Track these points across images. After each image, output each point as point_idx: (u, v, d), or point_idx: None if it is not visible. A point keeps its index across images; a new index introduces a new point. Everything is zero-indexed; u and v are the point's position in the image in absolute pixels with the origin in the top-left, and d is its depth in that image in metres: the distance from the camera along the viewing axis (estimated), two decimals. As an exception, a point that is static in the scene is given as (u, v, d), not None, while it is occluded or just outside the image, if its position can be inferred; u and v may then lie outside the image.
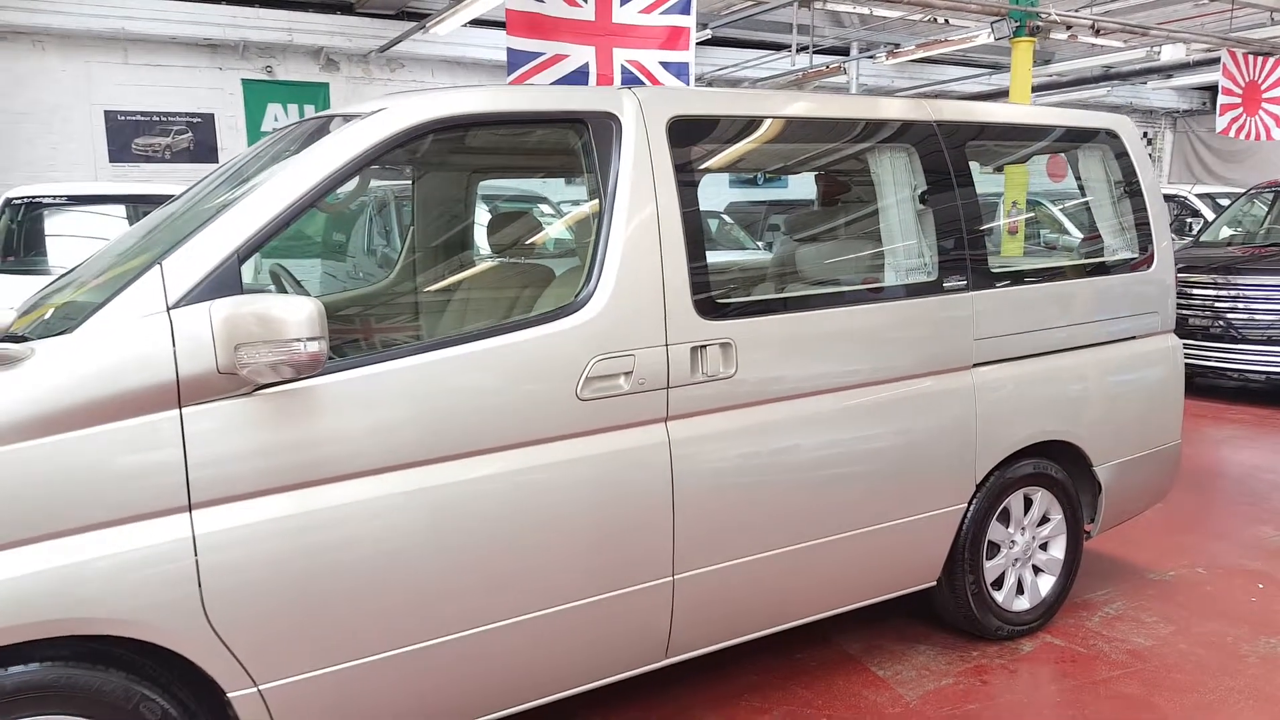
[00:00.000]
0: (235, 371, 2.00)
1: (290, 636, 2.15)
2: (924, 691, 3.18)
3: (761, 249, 9.47)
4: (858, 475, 3.01)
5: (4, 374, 1.90)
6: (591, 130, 2.58)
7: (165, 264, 2.06)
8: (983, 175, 3.71)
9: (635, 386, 2.54)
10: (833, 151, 3.41)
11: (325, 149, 2.28)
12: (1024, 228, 9.08)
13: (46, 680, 1.94)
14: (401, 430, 2.25)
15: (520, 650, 2.48)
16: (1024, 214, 8.75)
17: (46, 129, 10.62)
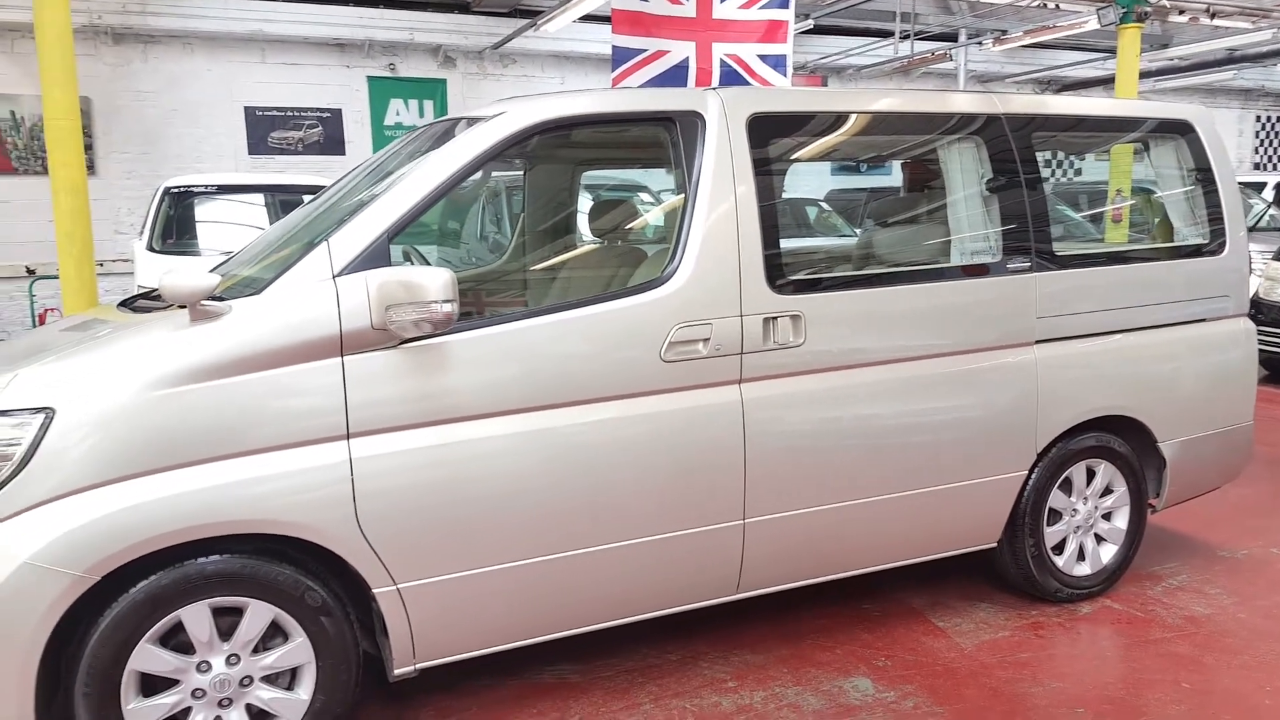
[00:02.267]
0: (385, 328, 2.49)
1: (423, 545, 2.62)
2: (980, 641, 3.47)
3: (857, 234, 9.67)
4: (918, 439, 3.31)
5: (210, 325, 2.42)
6: (679, 127, 2.98)
7: (331, 241, 2.56)
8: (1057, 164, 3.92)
9: (712, 351, 2.93)
10: (903, 143, 3.71)
11: (455, 148, 2.74)
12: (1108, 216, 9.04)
13: (235, 569, 2.46)
14: (513, 381, 2.70)
15: (611, 573, 2.90)
16: (1123, 201, 8.73)
17: (194, 124, 11.55)
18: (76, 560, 2.29)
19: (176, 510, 2.36)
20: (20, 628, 2.26)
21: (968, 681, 3.18)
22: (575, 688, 3.15)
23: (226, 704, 2.54)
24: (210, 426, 2.40)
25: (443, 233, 8.97)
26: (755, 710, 3.00)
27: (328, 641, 2.58)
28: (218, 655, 2.50)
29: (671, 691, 3.12)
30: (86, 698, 2.37)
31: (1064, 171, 13.13)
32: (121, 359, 2.39)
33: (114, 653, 2.37)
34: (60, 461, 2.30)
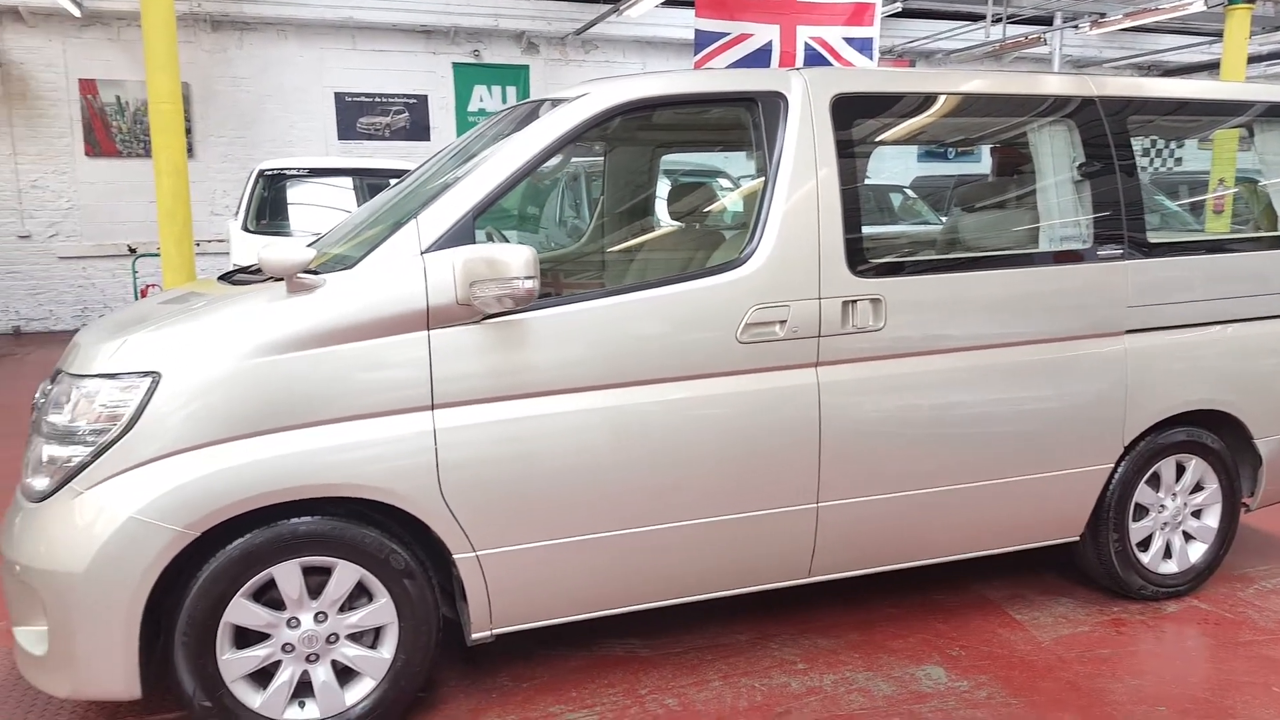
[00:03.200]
0: (470, 303, 2.56)
1: (502, 514, 2.69)
2: (1058, 635, 3.41)
3: (942, 222, 9.49)
4: (998, 428, 3.26)
5: (306, 297, 2.53)
6: (762, 108, 2.98)
7: (420, 219, 2.64)
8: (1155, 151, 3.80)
9: (789, 334, 2.93)
10: (991, 126, 3.64)
11: (539, 128, 2.79)
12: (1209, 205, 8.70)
13: (325, 530, 2.57)
14: (591, 358, 2.75)
15: (682, 550, 2.93)
16: (1226, 190, 8.39)
17: (286, 109, 11.91)
18: (179, 516, 2.41)
19: (272, 472, 2.47)
20: (127, 577, 2.40)
21: (1044, 675, 3.13)
22: (645, 662, 3.21)
23: (314, 659, 2.65)
24: (304, 394, 2.50)
25: (522, 217, 9.10)
26: (825, 692, 3.01)
27: (410, 603, 2.67)
28: (307, 612, 2.62)
29: (741, 670, 3.14)
30: (185, 646, 2.50)
31: (1163, 159, 12.67)
32: (223, 327, 2.51)
33: (211, 605, 2.50)
34: (165, 423, 2.43)
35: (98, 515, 2.41)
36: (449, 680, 3.08)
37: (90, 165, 11.17)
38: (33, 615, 2.50)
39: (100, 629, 2.42)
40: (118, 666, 2.45)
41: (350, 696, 2.70)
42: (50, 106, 10.95)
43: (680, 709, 2.91)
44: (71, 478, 2.44)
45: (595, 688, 3.04)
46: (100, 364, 2.49)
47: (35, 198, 11.03)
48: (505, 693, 3.01)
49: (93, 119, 11.09)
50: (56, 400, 2.53)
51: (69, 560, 2.40)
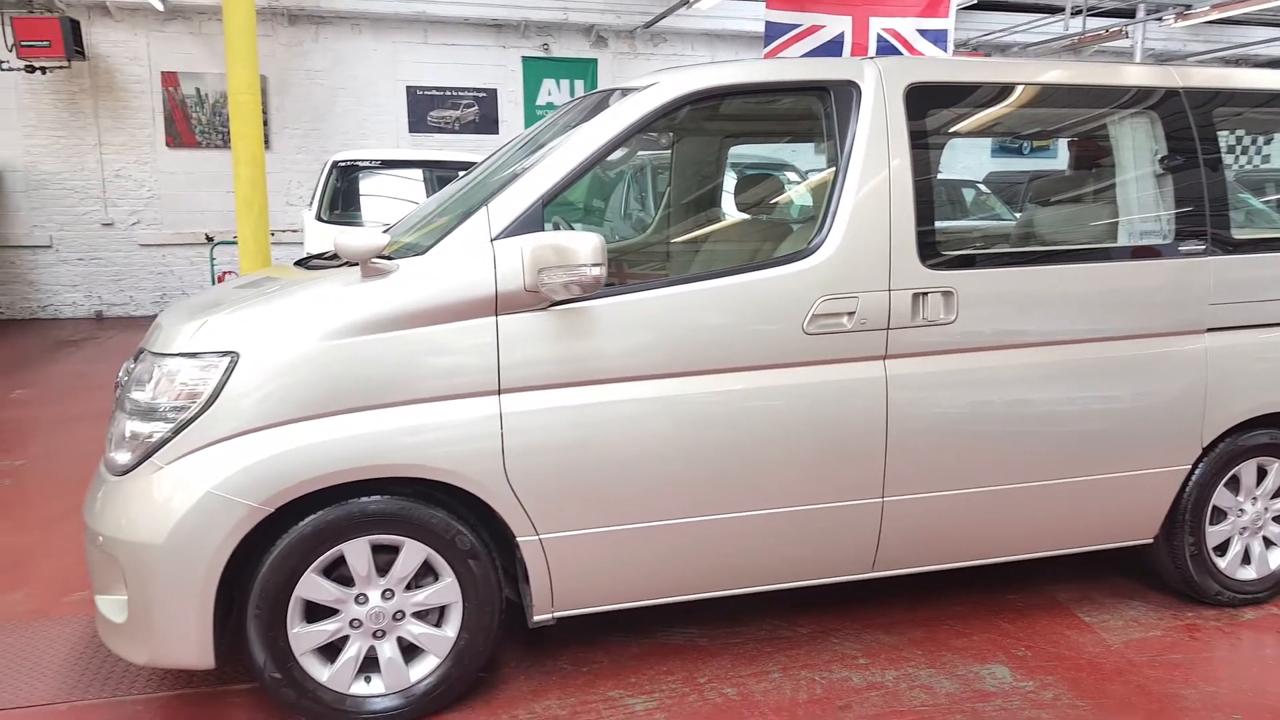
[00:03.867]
0: (537, 290, 2.59)
1: (565, 499, 2.72)
2: (1129, 639, 3.33)
3: (1016, 218, 9.29)
4: (1071, 425, 3.19)
5: (379, 282, 2.58)
6: (834, 97, 2.95)
7: (490, 206, 2.67)
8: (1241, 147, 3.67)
9: (857, 325, 2.90)
10: (1070, 118, 3.56)
11: (608, 117, 2.81)
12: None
13: (393, 510, 2.62)
14: (656, 346, 2.76)
15: (743, 541, 2.93)
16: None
17: (359, 102, 12.11)
18: (254, 492, 2.48)
19: (343, 452, 2.53)
20: (203, 550, 2.47)
21: (1113, 678, 3.06)
22: (704, 651, 3.21)
23: (380, 635, 2.71)
24: (376, 376, 2.56)
25: (589, 210, 9.15)
26: (886, 688, 2.98)
27: (474, 583, 2.71)
28: (374, 589, 2.67)
29: (801, 663, 3.13)
30: (257, 619, 2.57)
31: (1249, 154, 12.22)
32: (299, 310, 2.57)
33: (283, 580, 2.57)
34: (242, 402, 2.50)
35: (177, 489, 2.49)
36: (510, 662, 3.12)
37: (170, 156, 11.51)
38: (114, 585, 2.60)
39: (177, 599, 2.50)
40: (192, 636, 2.53)
41: (415, 673, 2.75)
42: (134, 98, 11.30)
43: (739, 699, 2.91)
44: (152, 453, 2.53)
45: (654, 674, 3.05)
46: (181, 344, 2.57)
47: (118, 187, 11.40)
48: (565, 676, 3.04)
49: (174, 110, 11.42)
50: (139, 378, 2.62)
51: (148, 532, 2.48)
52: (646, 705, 2.87)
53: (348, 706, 2.70)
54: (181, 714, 2.82)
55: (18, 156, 11.03)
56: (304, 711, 2.67)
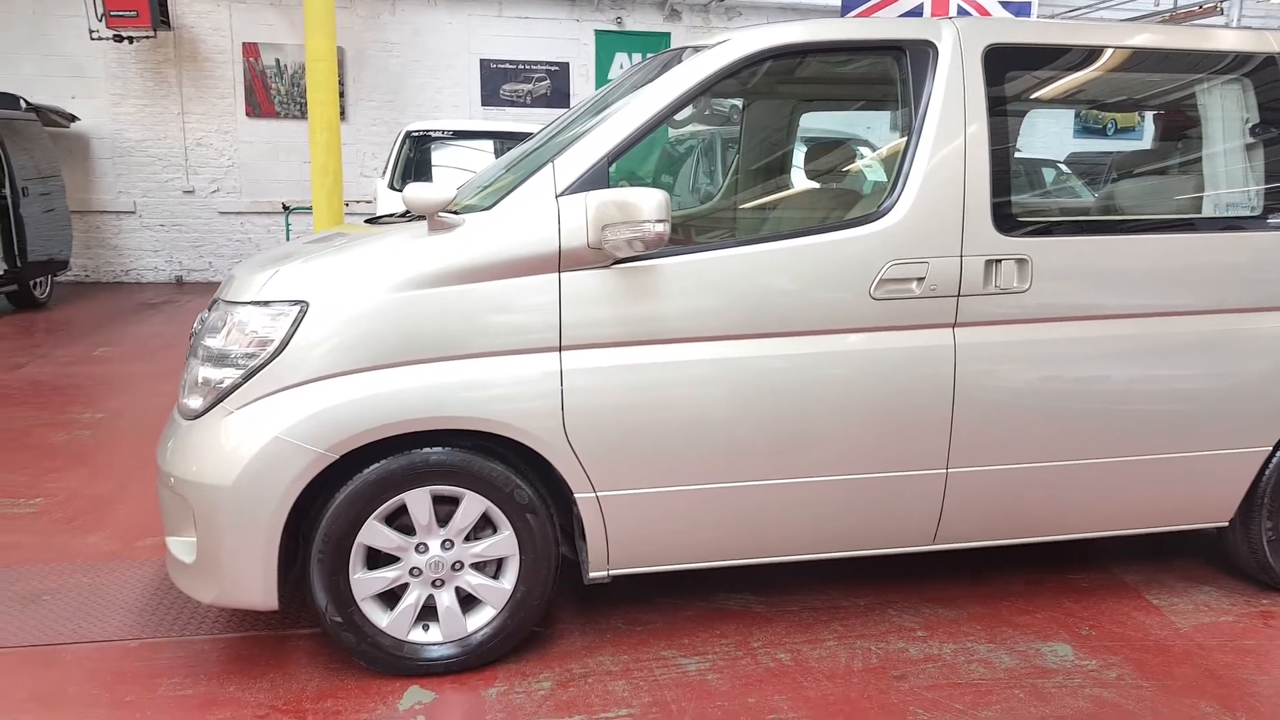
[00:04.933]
0: (600, 247, 2.59)
1: (623, 458, 2.72)
2: (1199, 623, 3.23)
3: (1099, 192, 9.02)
4: (1147, 402, 3.09)
5: (446, 235, 2.60)
6: (910, 57, 2.88)
7: (556, 162, 2.67)
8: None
9: (926, 292, 2.84)
10: (1155, 82, 3.42)
11: (678, 74, 2.78)
12: None
13: (455, 461, 2.65)
14: (719, 308, 2.73)
15: (802, 507, 2.90)
16: None
17: (433, 75, 12.24)
18: (320, 439, 2.53)
19: (407, 403, 2.57)
20: (270, 493, 2.54)
21: (1181, 660, 2.97)
22: (759, 617, 3.20)
23: (439, 584, 2.75)
24: (440, 329, 2.58)
25: (656, 185, 9.12)
26: (944, 661, 2.93)
27: (531, 537, 2.74)
28: (434, 539, 2.72)
29: (858, 633, 3.10)
30: (321, 563, 2.63)
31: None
32: (367, 261, 2.61)
33: (346, 526, 2.62)
34: (310, 350, 2.55)
35: (246, 434, 2.55)
36: (565, 619, 3.15)
37: (250, 125, 11.77)
38: (184, 526, 2.68)
39: (243, 540, 2.57)
40: (257, 577, 2.60)
41: (471, 623, 2.79)
42: (216, 69, 11.58)
43: (793, 664, 2.89)
44: (223, 398, 2.60)
45: (708, 637, 3.05)
46: (253, 292, 2.63)
47: (199, 155, 11.71)
48: (619, 634, 3.06)
49: (254, 81, 11.67)
50: (212, 326, 2.69)
51: (218, 474, 2.55)
52: (699, 666, 2.87)
53: (405, 653, 2.75)
54: (245, 654, 2.90)
55: (105, 124, 11.39)
56: (362, 656, 2.73)
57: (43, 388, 6.25)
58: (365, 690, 2.71)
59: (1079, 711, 2.68)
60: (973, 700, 2.72)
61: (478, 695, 2.70)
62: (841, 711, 2.65)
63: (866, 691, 2.75)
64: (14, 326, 8.55)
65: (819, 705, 2.68)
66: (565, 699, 2.69)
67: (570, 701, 2.67)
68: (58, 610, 3.16)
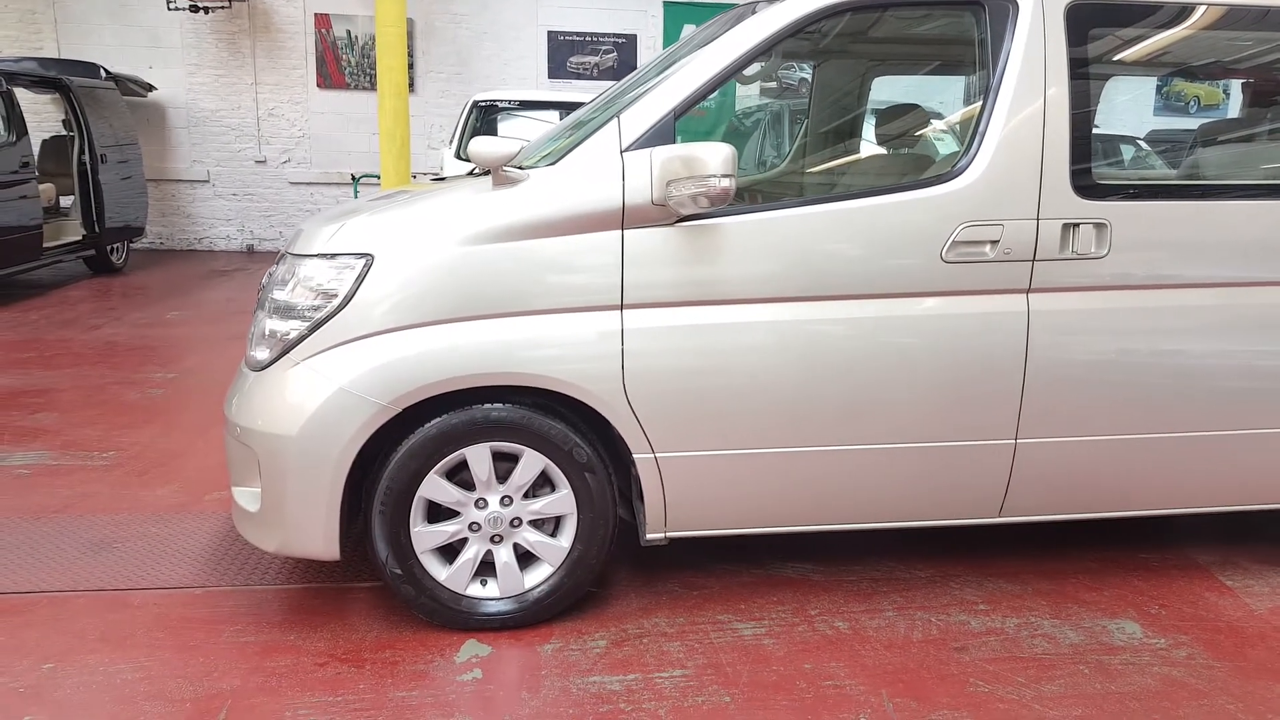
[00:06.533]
0: (665, 204, 2.55)
1: (683, 419, 2.70)
2: (1274, 605, 3.11)
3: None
4: (1225, 376, 2.97)
5: (510, 190, 2.60)
6: (989, 11, 2.79)
7: (621, 118, 2.64)
8: None
9: (1000, 255, 2.76)
10: (1249, 43, 3.26)
11: (746, 29, 2.72)
12: None
13: (515, 418, 2.66)
14: (784, 268, 2.69)
15: (865, 474, 2.85)
16: None
17: (501, 46, 12.25)
18: (383, 391, 2.56)
19: (469, 358, 2.57)
20: (333, 443, 2.57)
21: (1254, 642, 2.87)
22: (817, 585, 3.16)
23: (497, 540, 2.77)
24: (502, 285, 2.58)
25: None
26: (1006, 634, 2.87)
27: (589, 496, 2.74)
28: (494, 495, 2.73)
29: (918, 605, 3.05)
30: (382, 515, 2.67)
31: None
32: (431, 215, 2.61)
33: (408, 479, 2.65)
34: (375, 303, 2.57)
35: (311, 385, 2.58)
36: (621, 580, 3.15)
37: (321, 96, 11.92)
38: (249, 475, 2.73)
39: (307, 490, 2.61)
40: (320, 527, 2.64)
41: (529, 580, 2.81)
42: (288, 39, 11.74)
43: (850, 633, 2.86)
44: (289, 349, 2.63)
45: (764, 603, 3.03)
46: (320, 245, 2.66)
47: (271, 125, 11.90)
48: (675, 597, 3.05)
49: (325, 52, 11.81)
50: (280, 278, 2.73)
51: (283, 424, 2.59)
52: (755, 631, 2.85)
53: (463, 606, 2.78)
54: (306, 604, 2.96)
55: (180, 94, 11.64)
56: (421, 608, 2.77)
57: (118, 348, 6.44)
58: (423, 642, 2.75)
59: (1146, 689, 2.61)
60: (1035, 674, 2.66)
61: (534, 651, 2.71)
62: (900, 680, 2.61)
63: (925, 662, 2.71)
64: (91, 290, 8.82)
65: (876, 673, 2.64)
66: (620, 658, 2.69)
67: (625, 660, 2.68)
68: (127, 557, 3.26)
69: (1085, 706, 2.52)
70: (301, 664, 2.63)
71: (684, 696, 2.51)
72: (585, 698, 2.49)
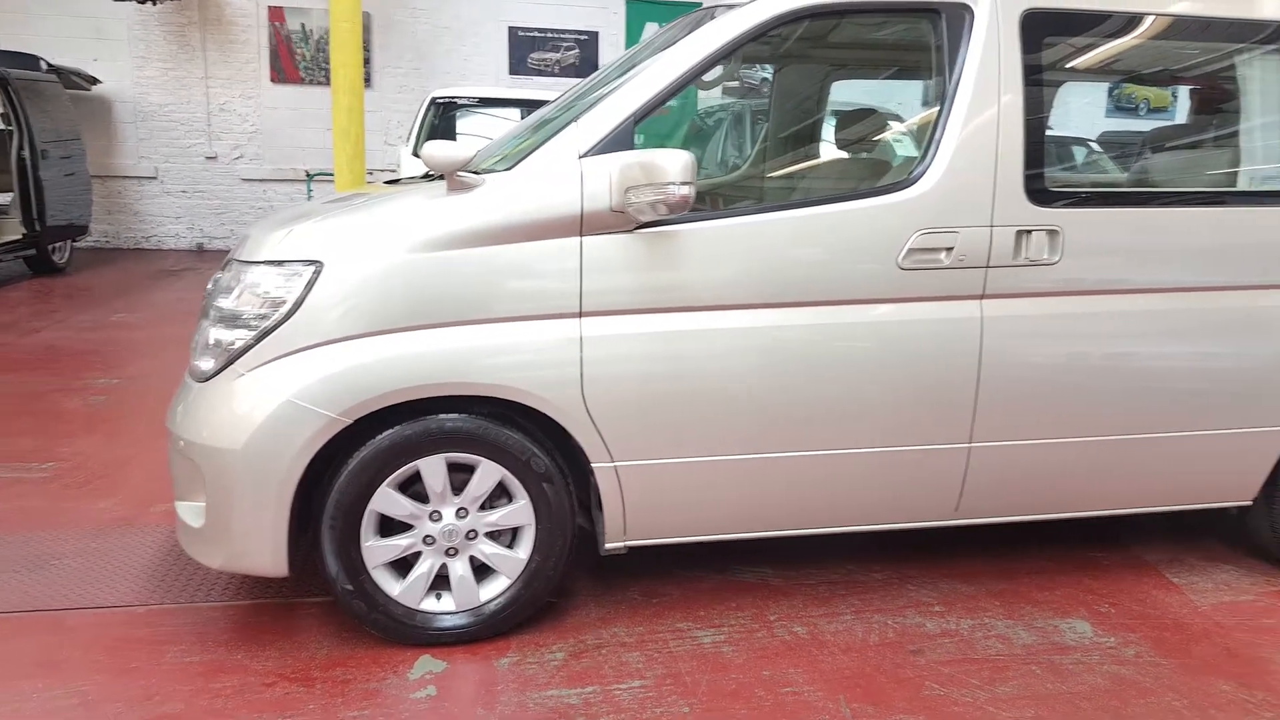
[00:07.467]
0: (624, 210, 2.53)
1: (642, 427, 2.68)
2: (1219, 602, 3.18)
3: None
4: (1173, 379, 3.02)
5: (465, 195, 2.55)
6: (945, 19, 2.80)
7: (579, 123, 2.61)
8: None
9: (955, 262, 2.77)
10: (1196, 52, 3.31)
11: (706, 33, 2.71)
12: None
13: (471, 428, 2.62)
14: (742, 275, 2.68)
15: (821, 480, 2.86)
16: None
17: (460, 41, 12.11)
18: (333, 403, 2.50)
19: (423, 367, 2.53)
20: (281, 457, 2.51)
21: (1199, 639, 2.92)
22: (776, 590, 3.16)
23: (452, 553, 2.73)
24: (457, 292, 2.54)
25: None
26: (961, 636, 2.89)
27: (547, 506, 2.71)
28: (448, 507, 2.69)
29: (875, 607, 3.06)
30: (332, 529, 2.61)
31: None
32: (382, 221, 2.56)
33: (359, 492, 2.60)
34: (325, 311, 2.51)
35: (257, 396, 2.52)
36: (580, 590, 3.13)
37: (274, 91, 11.72)
38: (193, 490, 2.65)
39: (253, 505, 2.54)
40: (267, 543, 2.57)
41: (485, 593, 2.77)
42: (240, 33, 11.52)
43: (809, 637, 2.86)
44: (235, 360, 2.56)
45: (724, 610, 3.02)
46: (267, 251, 2.59)
47: (223, 121, 11.68)
48: (634, 606, 3.03)
49: (279, 46, 11.61)
50: (225, 286, 2.66)
51: (228, 438, 2.52)
52: (714, 638, 2.85)
53: (417, 622, 2.73)
54: (253, 622, 2.89)
55: (127, 88, 11.37)
56: (374, 624, 2.72)
57: (59, 353, 6.27)
58: (376, 659, 2.70)
59: (1096, 688, 2.64)
60: (989, 676, 2.68)
61: (490, 665, 2.68)
62: (857, 685, 2.62)
63: (882, 666, 2.72)
64: (32, 292, 8.59)
65: (834, 679, 2.64)
66: (579, 669, 2.66)
67: (584, 672, 2.65)
68: (65, 576, 3.15)
69: (1038, 707, 2.54)
70: (249, 684, 2.57)
71: (642, 708, 2.49)
72: (542, 712, 2.47)
